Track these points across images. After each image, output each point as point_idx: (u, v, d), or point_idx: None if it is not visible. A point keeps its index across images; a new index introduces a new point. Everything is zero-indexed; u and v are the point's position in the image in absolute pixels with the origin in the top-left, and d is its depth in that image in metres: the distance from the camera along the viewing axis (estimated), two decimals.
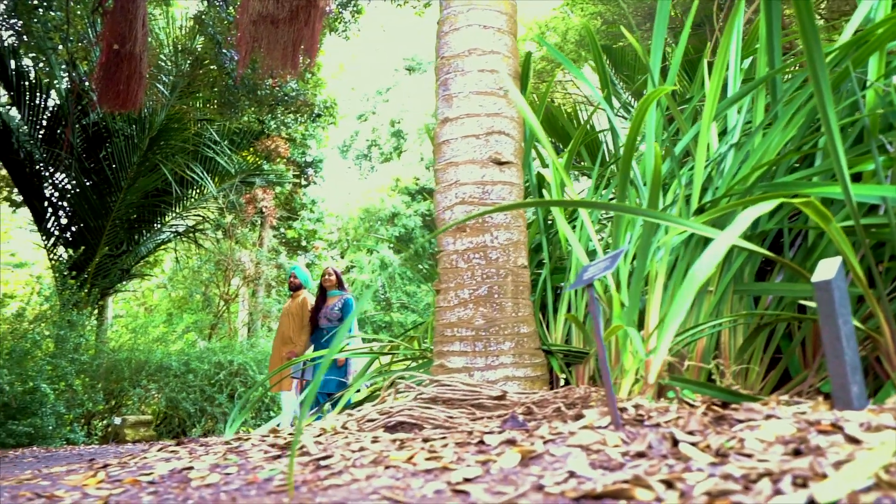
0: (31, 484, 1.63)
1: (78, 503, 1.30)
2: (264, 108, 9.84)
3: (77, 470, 1.88)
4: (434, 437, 1.70)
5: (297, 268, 7.09)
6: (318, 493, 1.18)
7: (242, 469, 1.50)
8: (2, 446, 7.05)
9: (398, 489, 1.17)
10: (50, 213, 10.55)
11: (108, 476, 1.58)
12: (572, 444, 1.35)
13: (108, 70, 4.92)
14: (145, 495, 1.30)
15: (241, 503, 1.16)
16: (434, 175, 2.96)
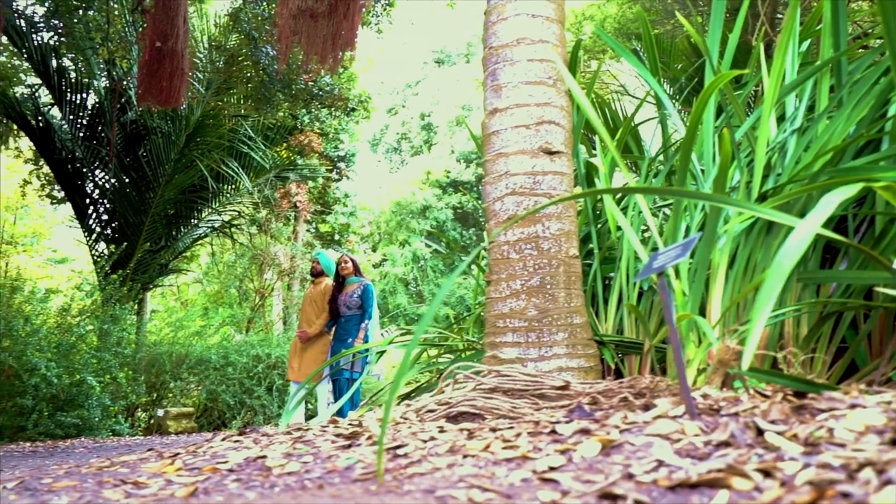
0: (110, 471, 1.67)
1: (164, 489, 1.33)
2: (299, 103, 9.91)
3: (148, 458, 1.92)
4: (501, 427, 1.70)
5: (322, 254, 7.04)
6: (404, 482, 1.19)
7: (317, 458, 1.52)
8: (51, 437, 7.23)
9: (483, 477, 1.18)
10: (91, 210, 10.77)
11: (184, 464, 1.62)
12: (651, 434, 1.34)
13: (151, 67, 5.00)
14: (229, 482, 1.32)
15: (330, 491, 1.17)
16: (483, 166, 2.96)
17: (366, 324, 6.30)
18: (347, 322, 6.41)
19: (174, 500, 1.22)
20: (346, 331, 6.37)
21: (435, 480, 1.18)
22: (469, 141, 23.37)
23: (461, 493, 1.08)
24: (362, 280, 6.52)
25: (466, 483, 1.14)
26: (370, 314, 6.36)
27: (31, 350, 7.02)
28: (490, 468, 1.24)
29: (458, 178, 23.16)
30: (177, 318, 11.33)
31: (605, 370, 2.83)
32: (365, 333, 6.27)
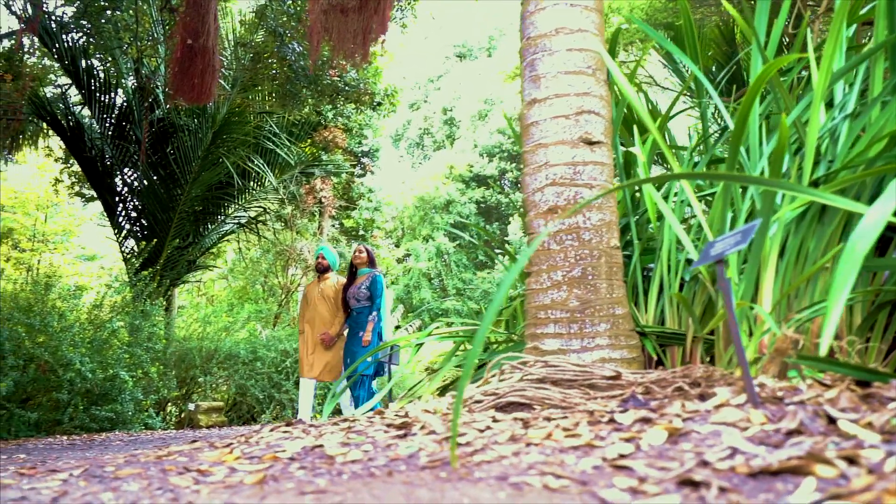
0: (169, 459, 1.69)
1: (230, 477, 1.34)
2: (325, 98, 9.96)
3: (202, 448, 1.94)
4: (555, 417, 1.70)
5: (326, 248, 6.84)
6: (473, 469, 1.19)
7: (376, 447, 1.52)
8: (86, 430, 7.35)
9: (553, 464, 1.17)
10: (120, 208, 10.93)
11: (242, 453, 1.63)
12: (716, 422, 1.32)
13: (183, 65, 5.05)
14: (294, 470, 1.33)
15: (400, 478, 1.17)
16: (522, 157, 2.94)
17: (373, 316, 6.13)
18: (359, 315, 6.25)
19: (244, 486, 1.23)
20: (358, 324, 6.22)
21: (504, 468, 1.18)
22: (492, 135, 23.33)
23: (535, 480, 1.08)
24: (372, 271, 6.34)
25: (537, 470, 1.14)
26: (378, 305, 6.18)
27: (66, 345, 7.14)
28: (557, 456, 1.23)
29: (481, 172, 23.14)
30: (204, 313, 11.47)
31: (647, 361, 2.81)
32: (375, 325, 6.09)
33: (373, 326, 6.07)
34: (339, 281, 6.59)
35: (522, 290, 3.90)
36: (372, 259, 6.41)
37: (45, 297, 7.76)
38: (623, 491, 0.99)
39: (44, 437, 6.78)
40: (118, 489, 1.32)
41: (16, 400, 6.90)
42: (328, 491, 1.13)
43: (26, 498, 1.31)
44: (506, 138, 23.30)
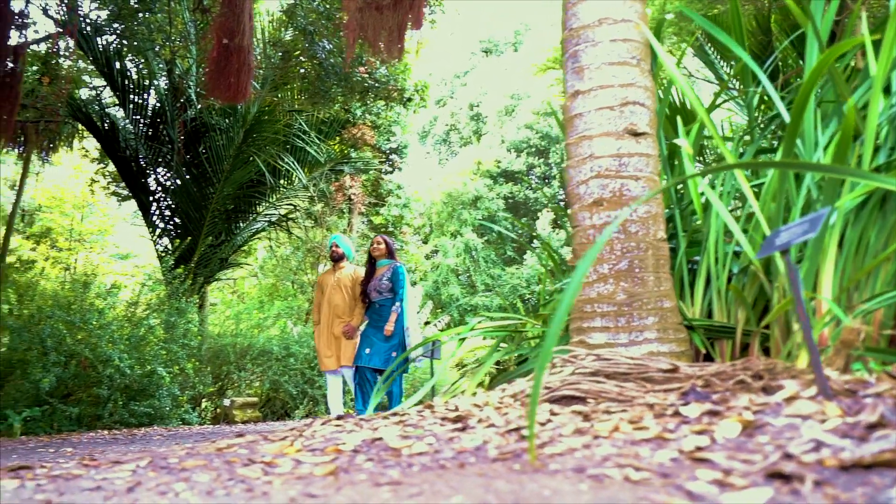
0: (230, 452, 1.71)
1: (298, 468, 1.35)
2: (355, 95, 10.00)
3: (257, 441, 1.95)
4: (614, 410, 1.68)
5: (339, 237, 6.71)
6: (548, 461, 1.18)
7: (438, 439, 1.52)
8: (126, 425, 7.48)
9: (628, 457, 1.16)
10: (154, 207, 11.11)
11: (303, 446, 1.64)
12: (791, 415, 1.29)
13: (219, 64, 5.10)
14: (362, 462, 1.33)
15: (473, 470, 1.17)
16: (565, 150, 2.92)
17: (396, 306, 5.98)
18: (381, 308, 6.09)
19: (315, 478, 1.23)
20: (379, 317, 6.07)
21: (578, 460, 1.17)
22: (520, 130, 23.21)
23: (614, 472, 1.07)
24: (393, 262, 6.18)
25: (613, 462, 1.13)
26: (401, 296, 6.04)
27: (105, 342, 7.26)
28: (630, 448, 1.22)
29: (509, 167, 23.05)
30: (236, 310, 11.62)
31: (695, 355, 2.77)
32: (397, 317, 5.96)
33: (396, 317, 5.95)
34: (357, 271, 6.45)
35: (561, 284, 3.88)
36: (391, 250, 6.27)
37: (83, 295, 7.92)
38: (709, 483, 0.97)
39: (85, 432, 6.91)
40: (189, 479, 1.34)
41: (58, 395, 7.05)
42: (403, 482, 1.13)
43: (101, 487, 1.33)
44: (533, 133, 23.17)
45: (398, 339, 5.98)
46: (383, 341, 5.94)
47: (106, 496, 1.25)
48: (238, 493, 1.18)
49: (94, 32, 9.81)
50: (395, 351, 5.92)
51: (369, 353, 5.95)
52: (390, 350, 5.93)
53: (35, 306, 7.57)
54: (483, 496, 0.99)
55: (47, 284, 8.76)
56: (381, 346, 5.94)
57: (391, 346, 5.94)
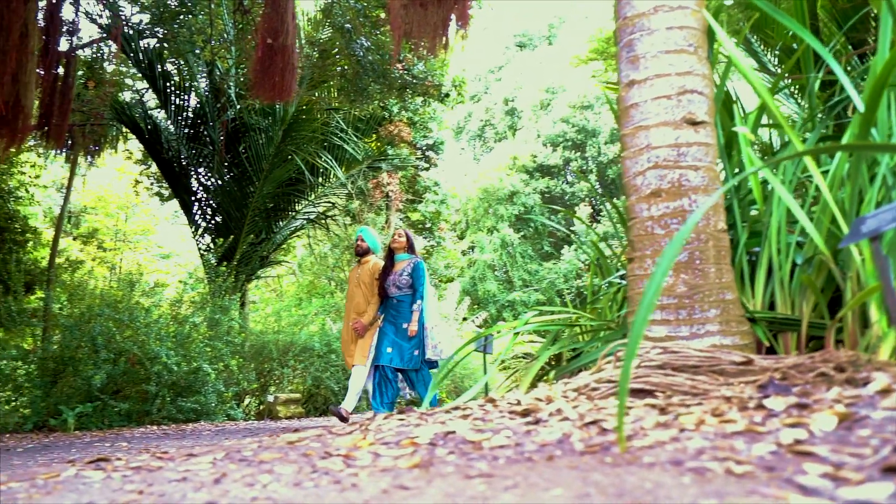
0: (302, 445, 1.72)
1: (378, 461, 1.34)
2: (393, 92, 10.02)
3: (325, 435, 1.96)
4: (690, 403, 1.64)
5: (366, 230, 6.49)
6: (639, 454, 1.15)
7: (515, 433, 1.51)
8: (173, 421, 7.62)
9: (724, 450, 1.13)
10: (196, 207, 11.30)
11: (376, 439, 1.64)
12: (890, 408, 1.25)
13: (263, 64, 5.15)
14: (445, 455, 1.33)
15: (563, 463, 1.15)
16: (621, 141, 2.87)
17: (417, 304, 5.80)
18: (399, 304, 5.88)
19: (401, 470, 1.23)
20: (397, 313, 5.86)
21: (671, 453, 1.14)
22: (556, 124, 23.00)
23: (715, 465, 1.04)
24: (413, 257, 5.98)
25: (710, 455, 1.10)
26: (422, 293, 5.85)
27: (152, 339, 7.41)
28: (722, 441, 1.19)
29: (545, 162, 22.85)
30: (276, 308, 11.76)
31: (757, 348, 2.71)
32: (420, 316, 5.78)
33: (418, 316, 5.77)
34: (376, 265, 6.19)
35: (613, 278, 3.83)
36: (412, 244, 6.09)
37: (130, 293, 8.09)
38: (820, 477, 0.94)
39: (135, 427, 7.06)
40: (272, 471, 1.34)
41: (108, 392, 7.21)
42: (494, 475, 1.11)
43: (187, 479, 1.35)
44: (569, 127, 22.94)
45: (419, 336, 5.80)
46: (405, 340, 5.77)
47: (194, 487, 1.27)
48: (326, 484, 1.19)
49: (137, 36, 10.01)
50: (416, 349, 5.77)
51: (391, 353, 5.77)
52: (412, 349, 5.76)
53: (85, 305, 7.75)
54: (582, 489, 0.98)
55: (96, 284, 8.95)
56: (404, 345, 5.76)
57: (413, 344, 5.77)
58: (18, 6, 5.48)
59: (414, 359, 5.75)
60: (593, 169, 22.24)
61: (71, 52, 7.49)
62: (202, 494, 1.19)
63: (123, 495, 1.24)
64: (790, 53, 6.45)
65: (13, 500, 1.29)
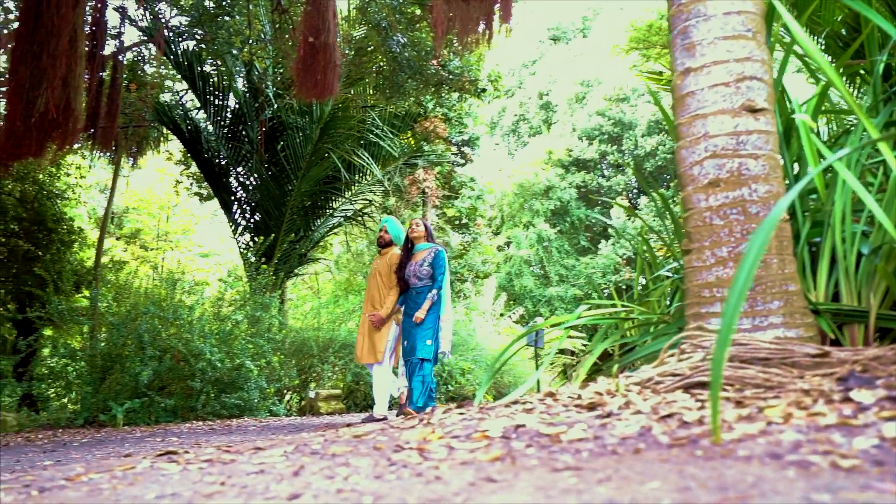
0: (369, 439, 1.71)
1: (454, 454, 1.33)
2: (429, 88, 10.03)
3: (388, 429, 1.96)
4: (766, 396, 1.60)
5: (390, 220, 6.28)
6: (736, 446, 1.12)
7: (589, 426, 1.48)
8: (217, 416, 7.74)
9: (822, 443, 1.09)
10: (236, 206, 11.46)
11: (445, 432, 1.63)
12: None
13: (306, 62, 5.19)
14: (523, 448, 1.31)
15: (651, 456, 1.12)
16: (675, 130, 2.81)
17: (433, 294, 5.59)
18: (419, 295, 5.68)
19: (483, 463, 1.21)
20: (417, 305, 5.64)
21: (764, 446, 1.11)
22: (591, 117, 22.76)
23: (818, 459, 1.00)
24: (433, 246, 5.80)
25: (809, 448, 1.06)
26: (440, 283, 5.64)
27: (196, 337, 7.53)
28: (818, 434, 1.15)
29: (581, 156, 22.62)
30: (314, 306, 11.87)
31: (822, 341, 2.63)
32: (435, 303, 5.57)
33: (430, 304, 5.56)
34: (395, 256, 6.00)
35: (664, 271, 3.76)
36: (430, 233, 5.91)
37: (173, 292, 8.24)
38: None
39: (181, 423, 7.18)
40: (349, 464, 1.34)
41: (154, 388, 7.35)
42: (582, 468, 1.09)
43: (265, 471, 1.35)
44: (605, 120, 22.65)
45: (433, 326, 5.58)
46: (419, 329, 5.56)
47: (275, 479, 1.27)
48: (408, 477, 1.18)
49: (176, 38, 10.17)
50: (429, 339, 5.53)
51: (409, 347, 5.61)
52: (425, 338, 5.52)
53: (130, 303, 7.91)
54: (679, 482, 0.95)
55: (140, 283, 9.13)
56: (419, 333, 5.55)
57: (424, 333, 5.53)
58: (67, 12, 5.60)
59: (426, 348, 5.49)
60: (630, 162, 21.92)
61: (116, 55, 7.65)
62: (284, 486, 1.19)
63: (206, 487, 1.25)
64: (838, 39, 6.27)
65: (98, 490, 1.31)
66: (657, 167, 21.54)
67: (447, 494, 1.03)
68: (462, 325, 11.66)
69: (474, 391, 10.47)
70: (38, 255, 11.62)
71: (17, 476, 1.70)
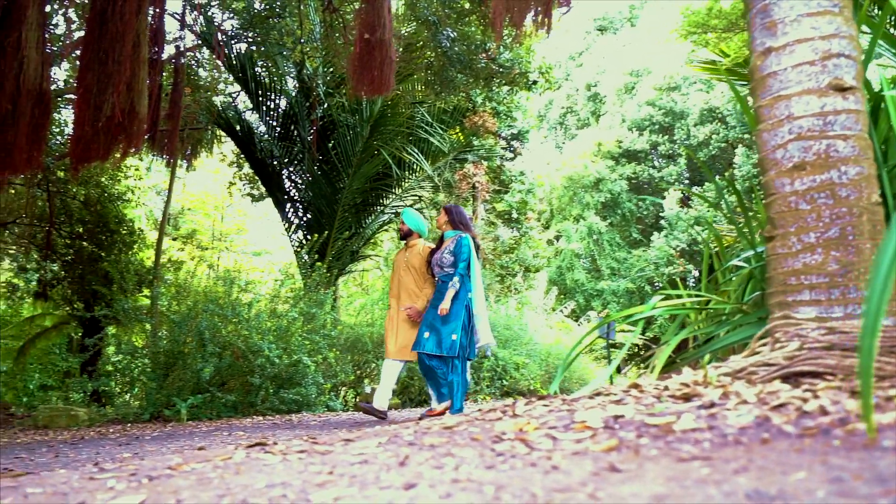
0: (461, 431, 1.69)
1: (559, 446, 1.30)
2: (480, 82, 9.99)
3: (474, 422, 1.93)
4: (883, 385, 1.52)
5: (407, 211, 6.15)
6: (877, 437, 1.06)
7: (699, 417, 1.43)
8: (277, 412, 7.85)
9: None
10: (289, 205, 11.63)
11: (539, 423, 1.60)
12: None
13: (362, 59, 5.21)
14: (633, 438, 1.27)
15: (782, 446, 1.07)
16: (755, 113, 2.71)
17: (454, 282, 5.27)
18: (443, 285, 5.41)
19: (598, 453, 1.18)
20: (440, 295, 5.37)
21: None
22: (641, 107, 22.33)
23: None
24: (458, 233, 5.53)
25: None
26: (460, 270, 5.33)
27: (254, 333, 7.66)
28: None
29: (631, 147, 22.19)
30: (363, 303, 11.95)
31: None
32: (458, 293, 5.27)
33: (452, 294, 5.25)
34: (425, 247, 5.84)
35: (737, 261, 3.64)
36: (454, 220, 5.61)
37: (230, 290, 8.41)
38: None
39: (241, 418, 7.31)
40: (453, 455, 1.32)
41: (215, 384, 7.51)
42: (711, 458, 1.04)
43: (368, 461, 1.34)
44: (656, 110, 22.16)
45: (460, 319, 5.23)
46: (442, 323, 5.22)
47: (381, 468, 1.26)
48: (522, 467, 1.15)
49: (229, 40, 10.37)
50: (454, 334, 5.16)
51: (427, 338, 5.26)
52: (450, 332, 5.16)
53: (190, 302, 8.10)
54: (827, 473, 0.89)
55: (199, 282, 9.35)
56: (441, 328, 5.21)
57: (450, 328, 5.18)
58: (131, 18, 5.75)
59: (453, 345, 5.13)
60: (688, 147, 21.38)
61: (176, 59, 7.83)
62: (394, 476, 1.17)
63: (313, 476, 1.24)
64: None
65: (207, 479, 1.32)
66: (710, 157, 20.99)
67: (572, 484, 0.99)
68: (514, 320, 11.60)
69: (529, 386, 10.39)
70: (102, 256, 12.01)
71: (119, 466, 1.74)
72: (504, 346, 10.56)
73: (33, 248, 12.70)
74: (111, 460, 3.54)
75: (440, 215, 5.72)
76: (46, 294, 12.65)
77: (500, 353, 10.12)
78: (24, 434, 6.39)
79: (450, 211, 5.69)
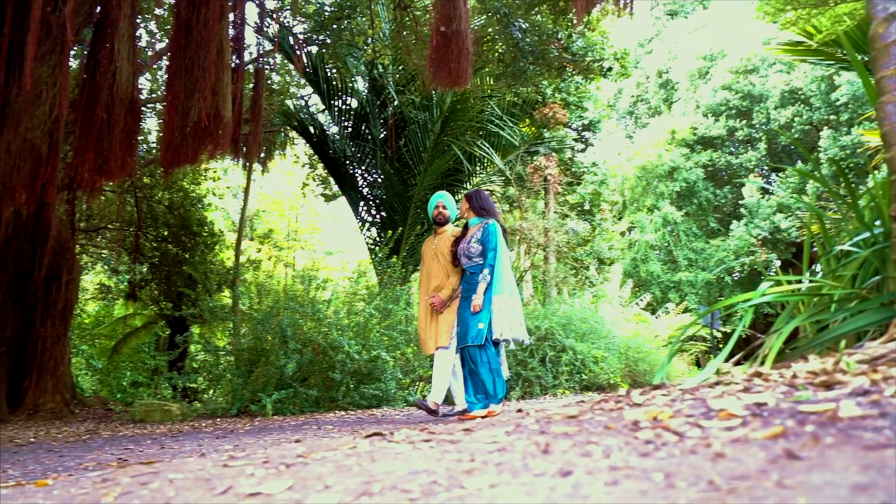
0: (587, 419, 1.64)
1: (707, 435, 1.23)
2: (552, 72, 9.85)
3: (586, 411, 1.88)
4: None
5: (444, 195, 5.75)
6: None
7: (858, 405, 1.33)
8: (357, 407, 7.95)
9: None
10: (362, 203, 11.78)
11: (674, 412, 1.53)
12: None
13: (439, 52, 5.20)
14: (794, 425, 1.19)
15: None
16: (877, 84, 2.54)
17: (484, 274, 5.01)
18: (472, 276, 5.17)
19: (760, 440, 1.11)
20: (470, 286, 5.16)
21: None
22: (716, 92, 21.50)
23: None
24: (483, 220, 5.25)
25: None
26: (490, 260, 5.04)
27: (334, 330, 7.77)
28: None
29: (707, 133, 21.40)
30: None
31: None
32: (487, 287, 5.01)
33: (484, 287, 5.01)
34: (455, 232, 5.50)
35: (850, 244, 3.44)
36: (476, 206, 5.32)
37: (308, 287, 8.57)
38: None
39: (325, 413, 7.44)
40: (596, 443, 1.27)
41: (297, 380, 7.67)
42: None
43: (506, 449, 1.31)
44: (732, 94, 21.28)
45: (487, 308, 5.02)
46: (472, 316, 5.04)
47: (524, 456, 1.22)
48: (681, 454, 1.09)
49: (302, 44, 10.57)
50: (481, 322, 4.98)
51: (462, 333, 5.14)
52: (477, 322, 4.99)
53: (270, 300, 8.30)
54: None
55: (277, 281, 9.60)
56: (471, 319, 5.05)
57: (477, 318, 5.00)
58: (214, 25, 5.92)
59: (479, 333, 4.97)
60: (762, 137, 20.46)
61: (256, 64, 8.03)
62: (542, 463, 1.13)
63: (456, 464, 1.21)
64: None
65: (345, 466, 1.31)
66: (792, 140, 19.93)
67: (750, 472, 0.93)
68: (591, 313, 11.41)
69: (609, 380, 10.19)
70: (185, 258, 12.51)
71: (248, 454, 1.77)
72: (582, 339, 10.40)
73: (123, 252, 13.35)
74: (215, 451, 3.65)
75: (461, 202, 5.48)
76: (136, 295, 13.27)
77: (578, 347, 9.97)
78: (125, 427, 6.71)
79: (471, 198, 5.42)
